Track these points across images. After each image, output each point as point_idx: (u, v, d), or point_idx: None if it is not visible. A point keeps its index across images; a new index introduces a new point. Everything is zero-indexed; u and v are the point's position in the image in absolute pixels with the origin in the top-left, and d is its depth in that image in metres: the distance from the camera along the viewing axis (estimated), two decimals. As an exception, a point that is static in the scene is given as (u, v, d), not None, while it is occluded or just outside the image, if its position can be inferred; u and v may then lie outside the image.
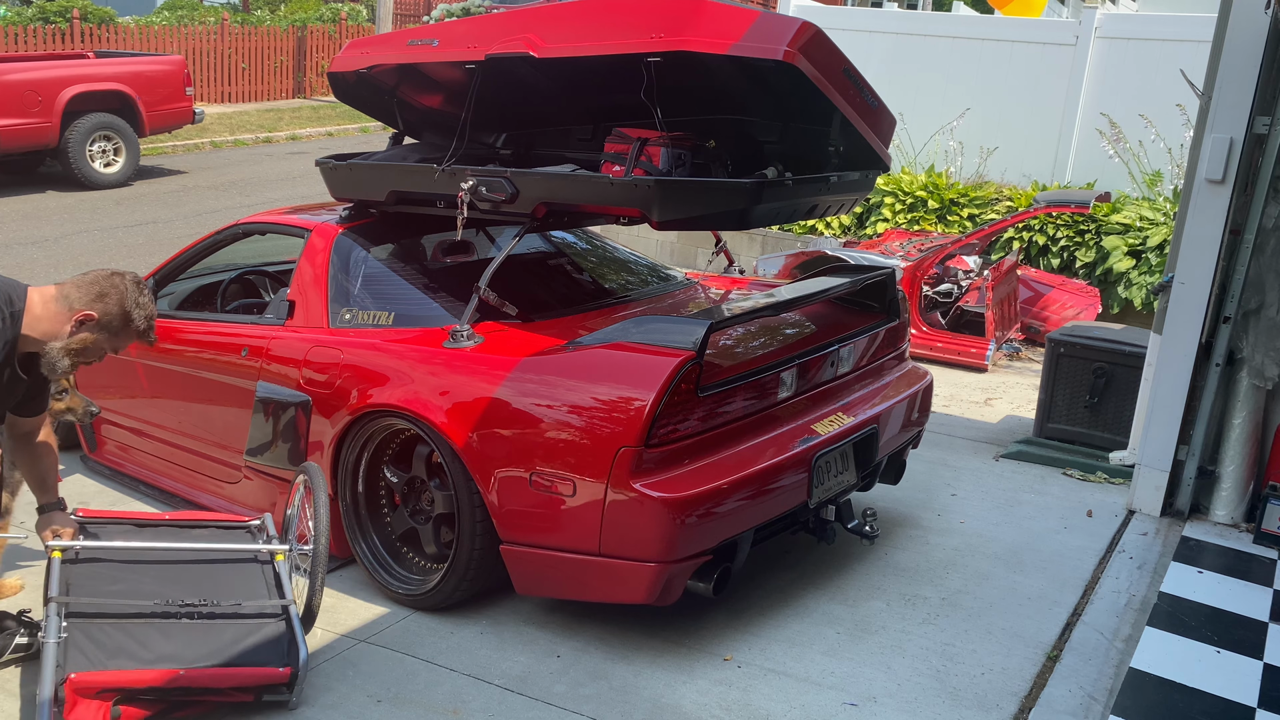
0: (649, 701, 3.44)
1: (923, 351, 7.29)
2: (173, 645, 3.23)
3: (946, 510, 4.97)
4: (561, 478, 3.52)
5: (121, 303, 3.11)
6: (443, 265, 4.52)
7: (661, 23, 3.73)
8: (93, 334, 3.09)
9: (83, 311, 3.06)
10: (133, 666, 3.12)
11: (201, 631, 3.31)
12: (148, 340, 3.22)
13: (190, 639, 3.27)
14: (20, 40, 16.58)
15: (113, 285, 3.12)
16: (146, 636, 3.24)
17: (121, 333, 3.14)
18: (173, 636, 3.27)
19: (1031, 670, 3.68)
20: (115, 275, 3.15)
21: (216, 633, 3.32)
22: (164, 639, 3.25)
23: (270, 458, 4.23)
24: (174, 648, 3.22)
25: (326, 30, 21.78)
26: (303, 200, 10.95)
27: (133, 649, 3.18)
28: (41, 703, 2.95)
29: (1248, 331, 4.68)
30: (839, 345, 4.22)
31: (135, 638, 3.22)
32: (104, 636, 3.19)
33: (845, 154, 4.23)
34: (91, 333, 3.09)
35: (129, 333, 3.16)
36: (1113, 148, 8.93)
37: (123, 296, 3.11)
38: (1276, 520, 4.56)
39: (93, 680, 3.03)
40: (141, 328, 3.16)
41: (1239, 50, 4.42)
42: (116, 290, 3.11)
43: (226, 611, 3.41)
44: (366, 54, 4.47)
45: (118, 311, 3.10)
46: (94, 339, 3.10)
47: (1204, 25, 5.90)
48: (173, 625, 3.31)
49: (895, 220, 9.09)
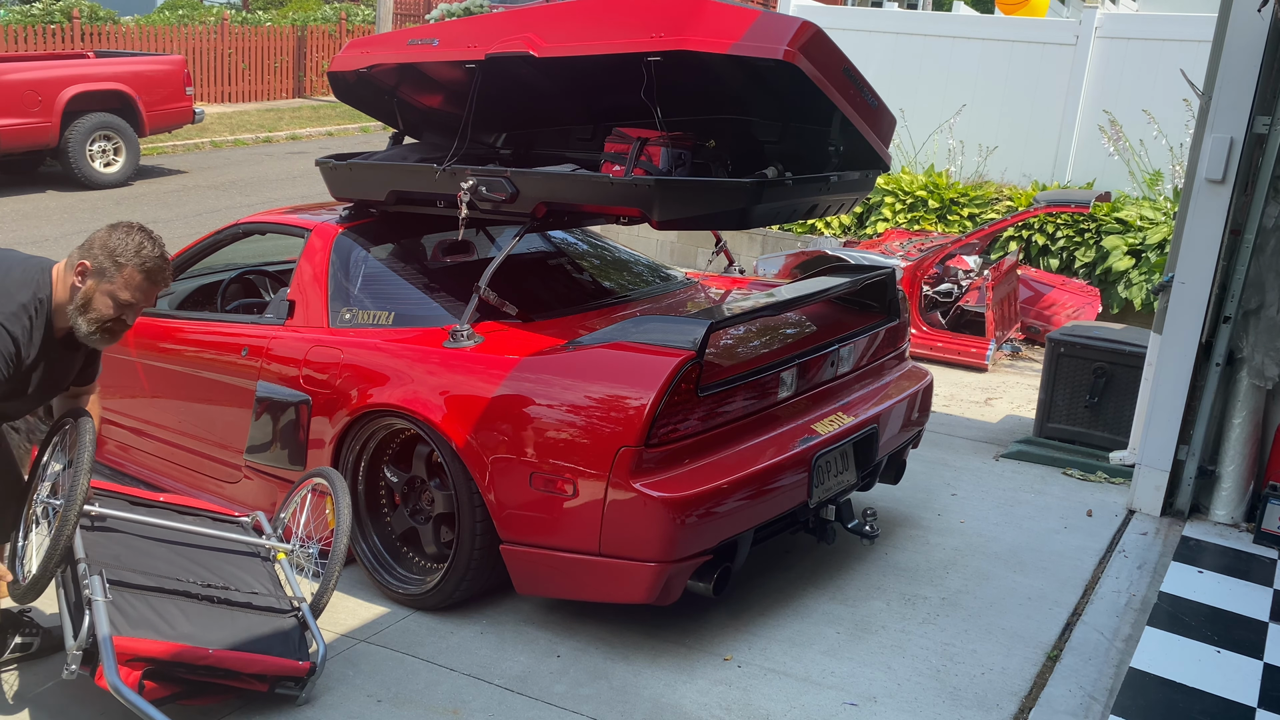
0: (649, 701, 3.44)
1: (923, 351, 7.29)
2: (193, 625, 3.21)
3: (946, 510, 4.97)
4: (561, 477, 3.52)
5: (104, 243, 3.04)
6: (443, 265, 4.52)
7: (661, 22, 3.73)
8: (91, 284, 3.04)
9: (77, 265, 3.04)
10: (159, 639, 3.09)
11: (221, 616, 3.30)
12: (152, 280, 3.09)
13: (210, 621, 3.26)
14: (20, 40, 16.58)
15: (96, 233, 3.07)
16: (168, 612, 3.22)
17: (115, 274, 3.04)
18: (192, 616, 3.25)
19: (1031, 670, 3.68)
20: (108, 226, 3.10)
21: (234, 619, 3.32)
22: (184, 618, 3.23)
23: (270, 457, 4.23)
24: (194, 628, 3.20)
25: (326, 30, 21.78)
26: (303, 200, 10.96)
27: (156, 622, 3.15)
28: (103, 641, 2.95)
29: (1248, 331, 4.68)
30: (839, 345, 4.22)
31: (158, 611, 3.20)
32: (128, 606, 3.15)
33: (845, 154, 4.23)
34: (88, 282, 3.04)
35: (123, 273, 3.04)
36: (1114, 146, 8.93)
37: (104, 238, 3.05)
38: (1276, 520, 4.56)
39: (129, 647, 3.01)
40: (132, 263, 3.04)
41: (1239, 50, 4.42)
42: (99, 235, 3.07)
43: (241, 600, 3.41)
44: (366, 54, 4.47)
45: (101, 253, 3.03)
46: (94, 289, 3.04)
47: (1204, 25, 5.91)
48: (193, 605, 3.30)
49: (895, 220, 9.09)
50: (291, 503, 3.91)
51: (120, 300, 3.07)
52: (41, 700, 3.36)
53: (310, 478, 3.87)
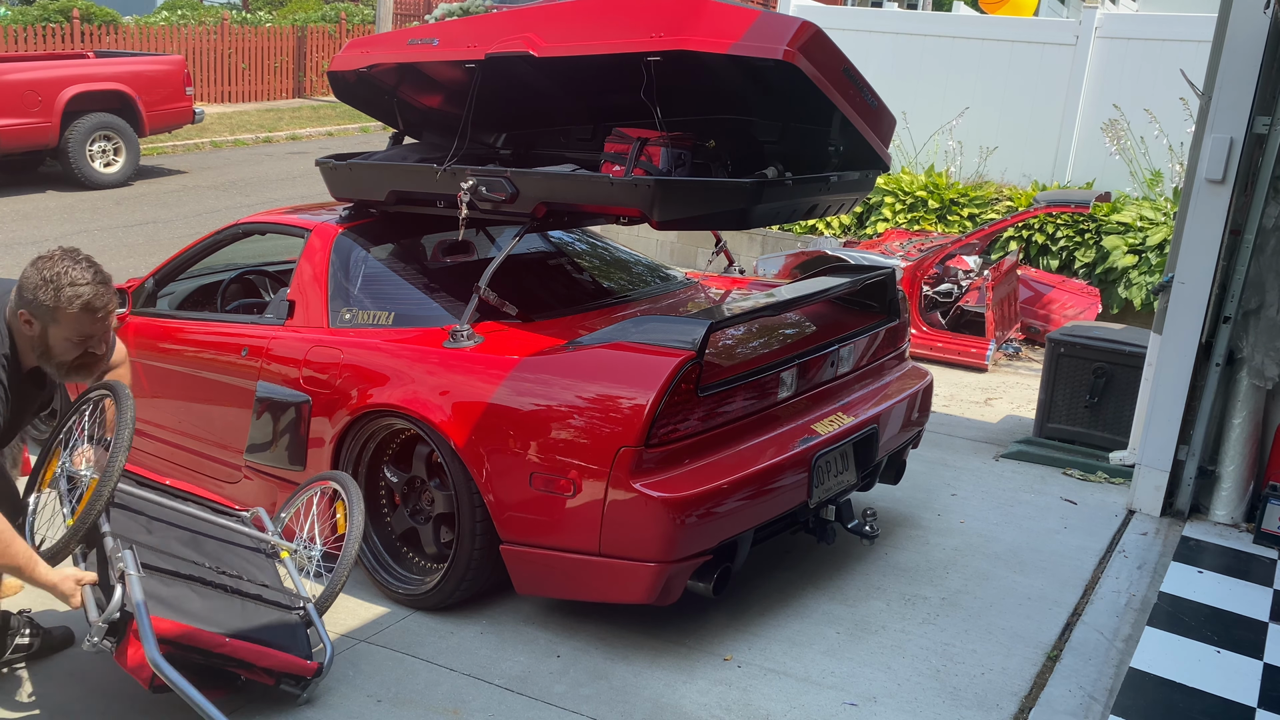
0: (649, 701, 3.44)
1: (923, 351, 7.29)
2: (209, 610, 3.17)
3: (946, 510, 4.97)
4: (561, 477, 3.52)
5: (35, 286, 2.88)
6: (443, 265, 4.52)
7: (661, 22, 3.73)
8: (39, 329, 2.92)
9: (20, 315, 2.93)
10: (179, 620, 3.04)
11: (234, 605, 3.28)
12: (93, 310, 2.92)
13: (225, 609, 3.23)
14: (20, 40, 16.58)
15: (25, 273, 2.92)
16: (184, 594, 3.17)
17: (56, 317, 2.90)
18: (209, 601, 3.21)
19: (1031, 670, 3.68)
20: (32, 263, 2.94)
21: (246, 610, 3.30)
22: (200, 602, 3.18)
23: (270, 458, 4.23)
24: (211, 613, 3.16)
25: (326, 30, 21.78)
26: (303, 200, 10.96)
27: (175, 603, 3.10)
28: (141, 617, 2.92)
29: (1248, 331, 4.68)
30: (839, 345, 4.22)
31: (175, 593, 3.15)
32: (147, 585, 3.09)
33: (845, 154, 4.23)
34: (36, 329, 2.93)
35: (61, 315, 2.90)
36: (1115, 145, 8.93)
37: (33, 279, 2.89)
38: (1276, 520, 4.56)
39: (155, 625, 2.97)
40: (63, 305, 2.87)
41: (1239, 50, 4.42)
42: (27, 276, 2.91)
43: (253, 593, 3.39)
44: (366, 53, 4.47)
45: (34, 296, 2.89)
46: (44, 334, 2.93)
47: (1204, 25, 5.91)
48: (209, 591, 3.26)
49: (895, 220, 9.09)
50: (295, 503, 3.90)
51: (74, 340, 2.95)
52: (42, 700, 3.36)
53: (320, 479, 3.85)
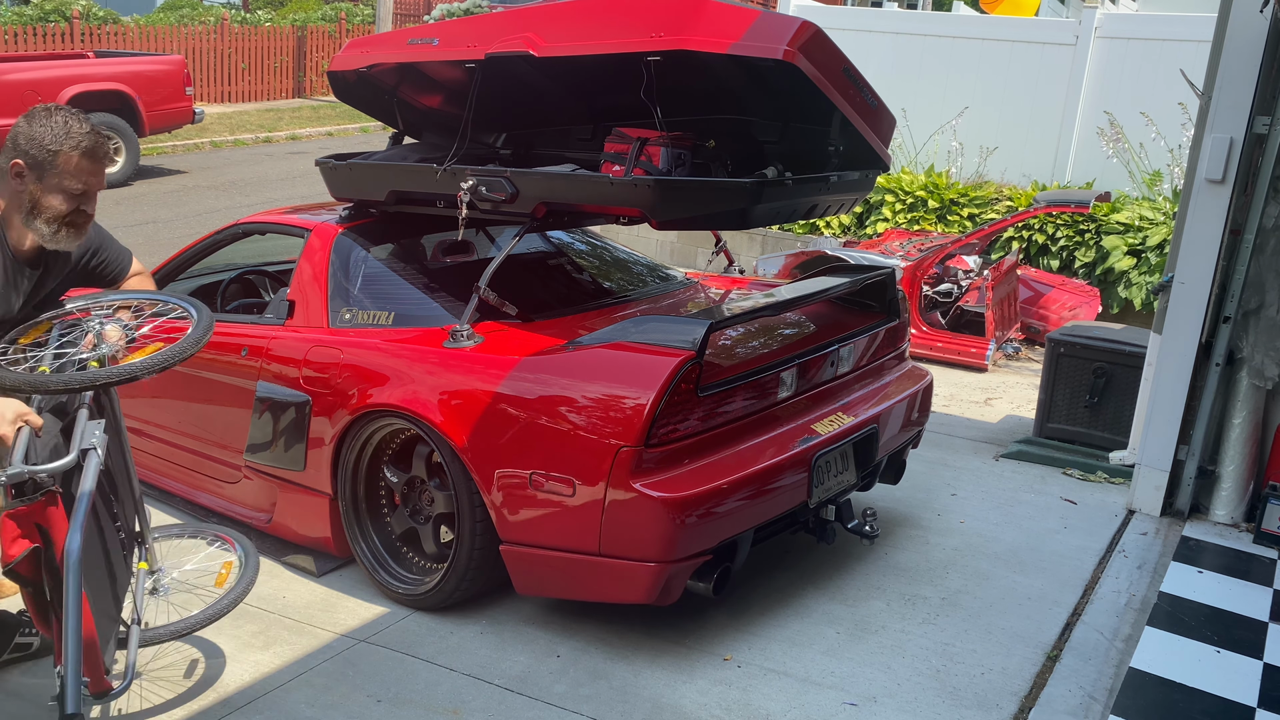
0: (649, 701, 3.44)
1: (923, 351, 7.29)
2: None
3: (946, 510, 4.97)
4: (561, 477, 3.52)
5: (29, 136, 2.82)
6: (443, 265, 4.52)
7: (661, 22, 3.73)
8: (32, 183, 2.83)
9: (10, 167, 2.83)
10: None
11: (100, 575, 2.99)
12: (94, 158, 2.87)
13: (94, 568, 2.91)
14: (20, 40, 16.58)
15: (15, 127, 2.84)
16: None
17: (52, 164, 2.83)
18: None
19: (1031, 670, 3.68)
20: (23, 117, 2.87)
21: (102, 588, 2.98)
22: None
23: (270, 458, 4.23)
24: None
25: (326, 30, 21.78)
26: (303, 200, 10.95)
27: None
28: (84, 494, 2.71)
29: (1248, 331, 4.68)
30: (839, 345, 4.22)
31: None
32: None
33: (845, 154, 4.23)
34: (28, 183, 2.84)
35: (60, 160, 2.83)
36: (1112, 147, 8.93)
37: (26, 130, 2.83)
38: (1276, 520, 4.56)
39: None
40: (65, 146, 2.82)
41: (1239, 50, 4.42)
42: (19, 129, 2.84)
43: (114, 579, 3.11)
44: (366, 53, 4.47)
45: (29, 146, 2.83)
46: (37, 189, 2.84)
47: (1204, 25, 5.91)
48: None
49: (895, 220, 9.09)
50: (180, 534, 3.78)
51: (70, 190, 2.86)
52: (42, 700, 3.36)
53: (225, 534, 3.72)
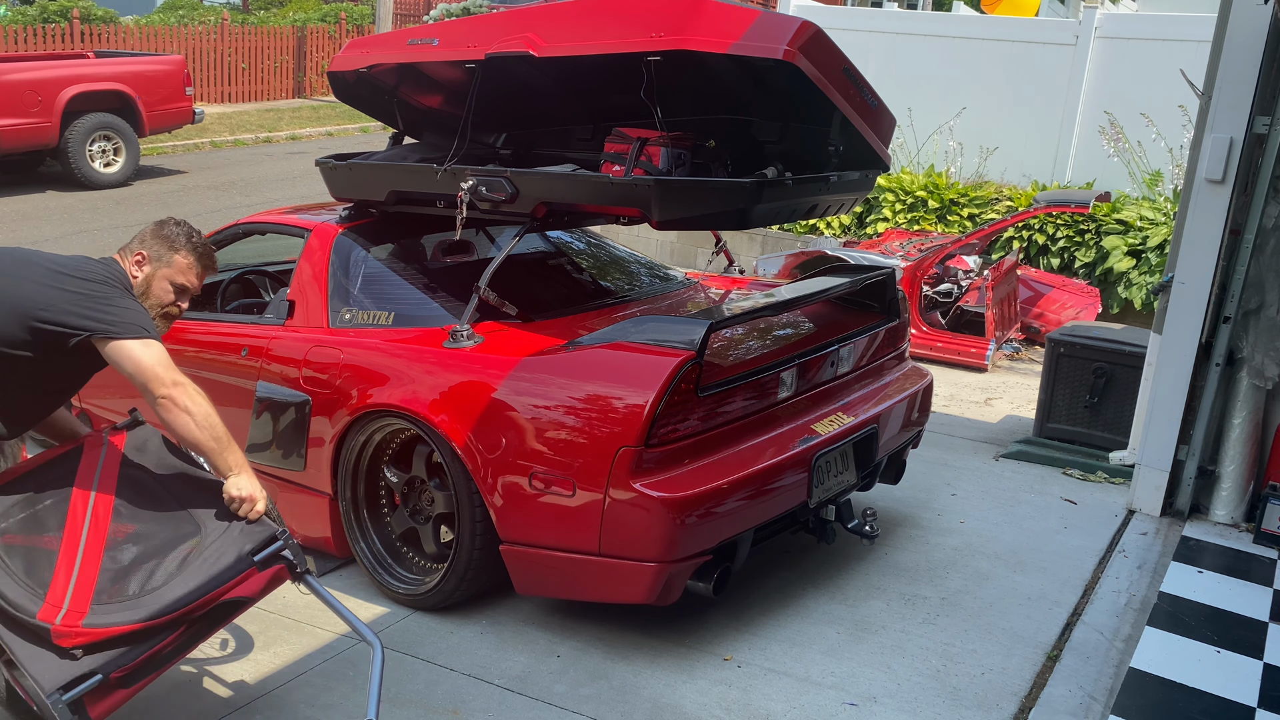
0: (649, 701, 3.44)
1: (923, 351, 7.29)
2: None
3: (946, 510, 4.97)
4: (561, 478, 3.52)
5: (157, 233, 3.23)
6: (443, 265, 4.52)
7: (661, 22, 3.73)
8: (150, 270, 3.21)
9: (134, 256, 3.21)
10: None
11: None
12: (204, 264, 3.29)
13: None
14: (20, 40, 16.58)
15: (145, 228, 3.29)
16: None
17: (171, 259, 3.22)
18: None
19: (1031, 670, 3.68)
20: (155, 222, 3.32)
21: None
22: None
23: (270, 458, 4.23)
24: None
25: (326, 30, 21.78)
26: (303, 200, 10.95)
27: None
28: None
29: (1248, 331, 4.68)
30: (839, 345, 4.22)
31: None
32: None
33: (845, 154, 4.23)
34: (146, 270, 3.20)
35: (179, 257, 3.23)
36: (1112, 147, 8.93)
37: (155, 229, 3.25)
38: (1276, 520, 4.56)
39: None
40: (185, 247, 3.24)
41: (1239, 50, 4.42)
42: (148, 229, 3.27)
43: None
44: (366, 53, 4.47)
45: (155, 241, 3.22)
46: (152, 275, 3.21)
47: (1204, 25, 5.90)
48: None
49: (895, 220, 9.09)
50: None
51: (177, 284, 3.24)
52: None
53: None
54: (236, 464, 3.06)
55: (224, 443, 3.05)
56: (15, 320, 2.96)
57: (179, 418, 2.99)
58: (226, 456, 3.05)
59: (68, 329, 2.97)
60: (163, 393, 2.97)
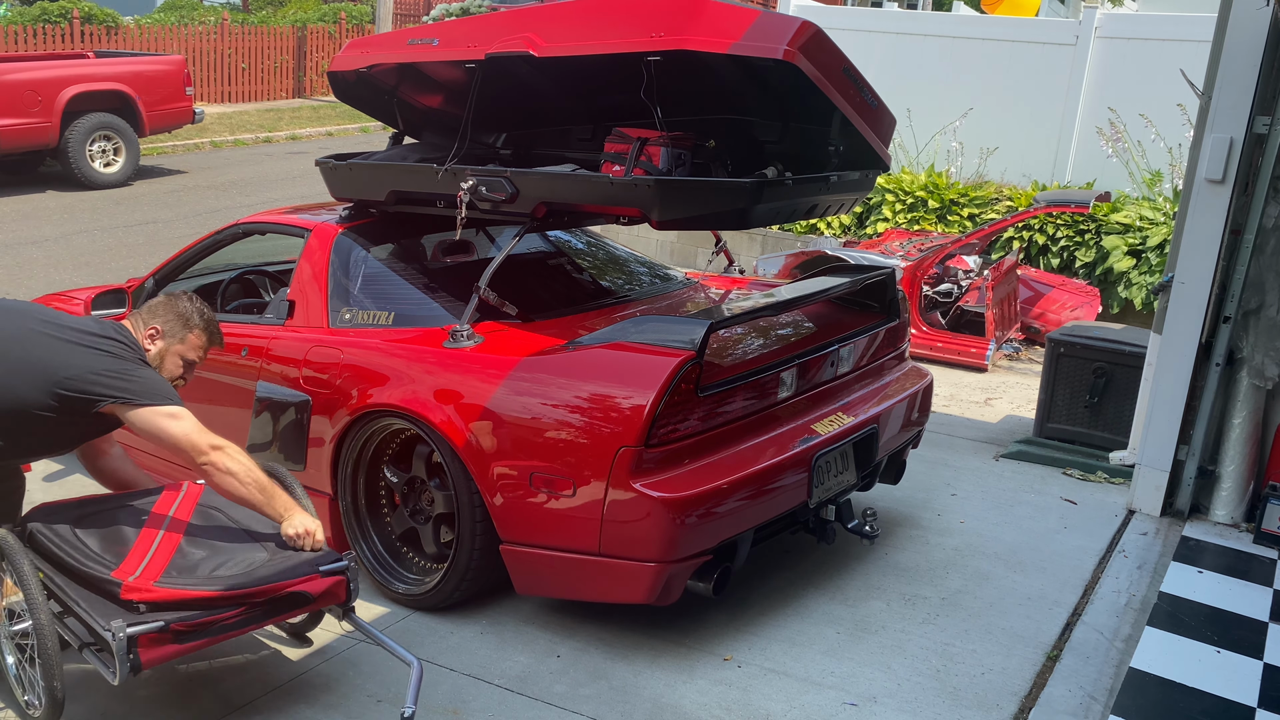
0: (649, 701, 3.44)
1: (923, 351, 7.29)
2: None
3: (946, 510, 4.97)
4: (561, 478, 3.52)
5: (170, 309, 3.43)
6: (443, 265, 4.52)
7: (662, 22, 3.73)
8: (163, 345, 3.39)
9: (148, 331, 3.39)
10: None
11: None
12: (212, 341, 3.51)
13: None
14: (20, 40, 16.57)
15: (156, 301, 3.51)
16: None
17: (184, 336, 3.42)
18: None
19: (1031, 670, 3.68)
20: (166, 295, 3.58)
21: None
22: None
23: (270, 458, 4.23)
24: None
25: (326, 30, 21.78)
26: (303, 200, 10.95)
27: None
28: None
29: (1248, 331, 4.68)
30: (839, 345, 4.22)
31: None
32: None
33: (845, 154, 4.23)
34: (159, 344, 3.39)
35: (191, 334, 3.43)
36: (1112, 147, 8.93)
37: (168, 304, 3.45)
38: (1276, 520, 4.56)
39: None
40: (197, 326, 3.44)
41: (1239, 50, 4.42)
42: (160, 303, 3.48)
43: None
44: (366, 53, 4.47)
45: (168, 316, 3.42)
46: (165, 350, 3.39)
47: (1204, 25, 5.90)
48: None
49: (895, 220, 9.09)
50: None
51: (188, 360, 3.45)
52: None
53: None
54: (286, 507, 3.26)
55: (269, 492, 3.24)
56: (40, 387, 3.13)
57: (223, 480, 3.19)
58: (275, 504, 3.25)
59: (94, 396, 3.14)
60: (204, 460, 3.16)
